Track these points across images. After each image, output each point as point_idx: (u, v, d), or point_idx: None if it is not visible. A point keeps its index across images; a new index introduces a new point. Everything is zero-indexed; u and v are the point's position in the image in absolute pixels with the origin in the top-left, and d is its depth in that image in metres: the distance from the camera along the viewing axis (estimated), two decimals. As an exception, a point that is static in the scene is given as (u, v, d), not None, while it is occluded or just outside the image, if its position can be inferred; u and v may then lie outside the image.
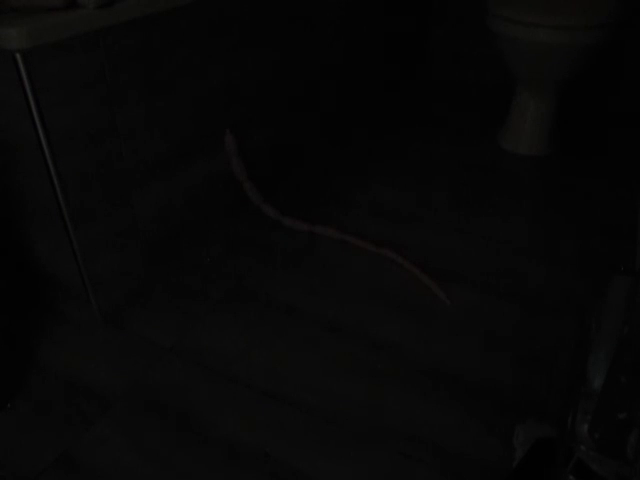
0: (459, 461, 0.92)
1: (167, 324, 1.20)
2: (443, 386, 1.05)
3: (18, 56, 0.90)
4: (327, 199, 1.61)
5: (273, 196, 1.60)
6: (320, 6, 1.62)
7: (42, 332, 1.19)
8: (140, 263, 1.26)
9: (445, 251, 1.39)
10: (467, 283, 1.29)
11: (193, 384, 1.07)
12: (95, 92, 1.04)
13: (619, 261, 1.33)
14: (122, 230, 1.18)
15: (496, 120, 1.98)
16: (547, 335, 1.14)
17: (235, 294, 1.28)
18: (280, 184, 1.67)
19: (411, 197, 1.60)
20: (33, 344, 1.17)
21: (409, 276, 1.31)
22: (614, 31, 1.55)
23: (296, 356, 1.12)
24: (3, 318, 1.20)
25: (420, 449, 0.94)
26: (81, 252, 1.10)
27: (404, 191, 1.63)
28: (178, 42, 1.18)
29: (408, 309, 1.22)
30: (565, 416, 0.71)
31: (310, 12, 1.58)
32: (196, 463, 0.93)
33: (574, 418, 0.64)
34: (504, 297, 1.24)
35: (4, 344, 1.15)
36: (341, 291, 1.28)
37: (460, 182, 1.67)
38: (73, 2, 0.99)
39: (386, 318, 1.20)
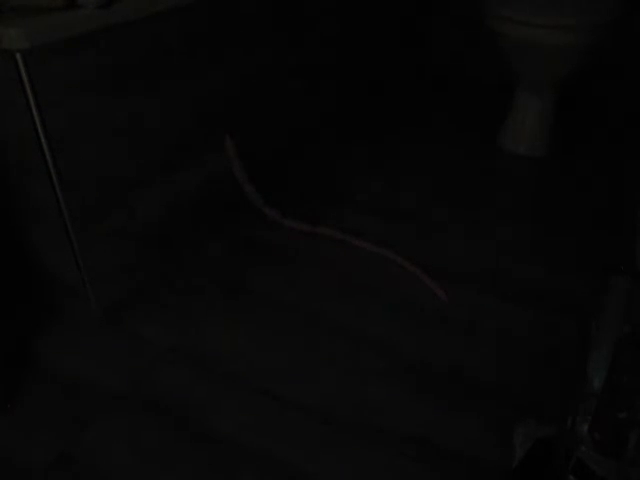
0: (459, 461, 0.92)
1: (166, 323, 1.20)
2: (442, 385, 1.05)
3: (18, 56, 0.90)
4: (327, 199, 1.61)
5: (274, 197, 1.60)
6: (319, 7, 1.62)
7: (42, 331, 1.19)
8: (140, 263, 1.26)
9: (445, 250, 1.39)
10: (467, 282, 1.29)
11: (192, 383, 1.07)
12: (95, 92, 1.04)
13: (619, 261, 1.33)
14: (122, 229, 1.18)
15: (496, 120, 1.98)
16: (547, 335, 1.14)
17: (235, 294, 1.28)
18: (281, 185, 1.67)
19: (411, 197, 1.60)
20: (32, 343, 1.17)
21: (409, 276, 1.31)
22: (614, 31, 1.55)
23: (296, 356, 1.12)
24: (2, 318, 1.19)
25: (419, 449, 0.94)
26: (81, 252, 1.10)
27: (404, 191, 1.63)
28: (178, 43, 1.18)
29: (408, 309, 1.22)
30: (565, 416, 0.71)
31: (310, 13, 1.58)
32: (195, 463, 0.93)
33: (574, 418, 0.64)
34: (503, 296, 1.24)
35: (3, 344, 1.15)
36: (342, 291, 1.28)
37: (460, 182, 1.67)
38: (73, 2, 0.99)
39: (386, 318, 1.20)
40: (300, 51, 1.59)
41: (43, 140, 0.98)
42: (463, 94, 2.23)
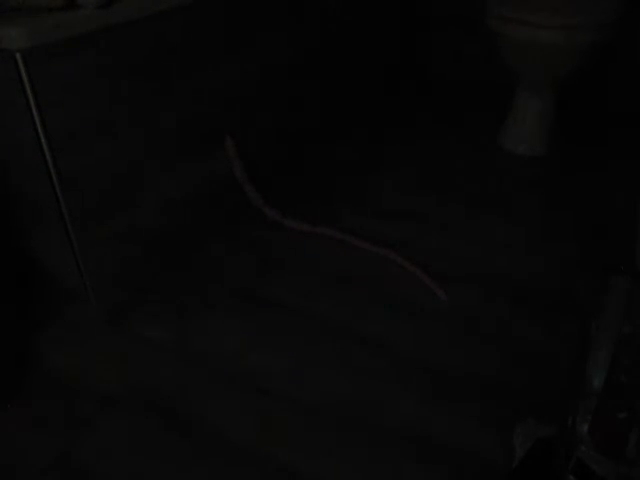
0: (458, 461, 0.92)
1: (167, 324, 1.20)
2: (442, 385, 1.05)
3: (18, 56, 0.91)
4: (327, 199, 1.61)
5: (274, 197, 1.60)
6: (320, 7, 1.62)
7: (42, 332, 1.19)
8: (140, 263, 1.26)
9: (445, 251, 1.39)
10: (467, 282, 1.29)
11: (193, 384, 1.07)
12: (95, 92, 1.04)
13: (619, 261, 1.33)
14: (122, 230, 1.18)
15: (496, 120, 1.98)
16: (547, 335, 1.14)
17: (235, 294, 1.28)
18: (281, 185, 1.67)
19: (411, 197, 1.60)
20: (33, 344, 1.17)
21: (409, 276, 1.31)
22: (614, 31, 1.55)
23: (296, 356, 1.12)
24: (3, 318, 1.20)
25: (419, 448, 0.94)
26: (81, 252, 1.10)
27: (404, 191, 1.63)
28: (178, 43, 1.18)
29: (407, 308, 1.22)
30: (565, 416, 0.71)
31: (310, 13, 1.58)
32: (196, 463, 0.93)
33: (574, 418, 0.64)
34: (504, 297, 1.24)
35: (4, 344, 1.15)
36: (342, 291, 1.28)
37: (460, 182, 1.67)
38: (73, 2, 0.99)
39: (386, 317, 1.20)
40: (301, 51, 1.59)
41: (43, 140, 0.98)
42: (463, 94, 2.23)
